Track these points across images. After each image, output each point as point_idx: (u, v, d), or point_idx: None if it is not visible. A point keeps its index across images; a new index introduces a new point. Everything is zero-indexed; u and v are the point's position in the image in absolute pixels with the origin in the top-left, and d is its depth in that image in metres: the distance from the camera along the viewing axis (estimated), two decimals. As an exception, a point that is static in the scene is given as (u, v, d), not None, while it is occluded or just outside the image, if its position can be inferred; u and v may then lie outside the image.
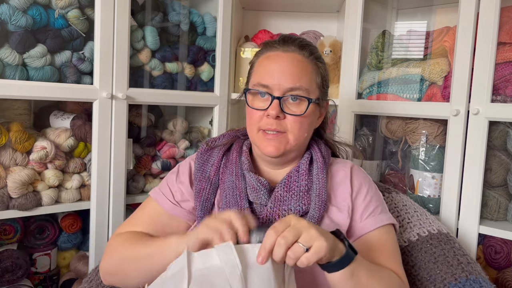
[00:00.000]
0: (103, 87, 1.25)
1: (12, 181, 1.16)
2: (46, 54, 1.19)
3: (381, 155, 1.60)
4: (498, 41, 1.22)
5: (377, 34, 1.54)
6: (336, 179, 0.96)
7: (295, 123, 0.88)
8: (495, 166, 1.29)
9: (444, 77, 1.35)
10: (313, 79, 0.90)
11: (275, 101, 0.86)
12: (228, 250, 0.70)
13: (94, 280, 1.02)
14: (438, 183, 1.37)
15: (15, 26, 1.13)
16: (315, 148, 0.97)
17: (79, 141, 1.31)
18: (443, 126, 1.38)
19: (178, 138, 1.56)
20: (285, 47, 0.90)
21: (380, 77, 1.47)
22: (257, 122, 0.89)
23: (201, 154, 0.99)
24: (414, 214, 1.16)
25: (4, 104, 1.25)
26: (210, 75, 1.57)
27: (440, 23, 1.48)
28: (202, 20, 1.53)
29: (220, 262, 0.69)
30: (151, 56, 1.40)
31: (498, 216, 1.31)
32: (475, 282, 0.96)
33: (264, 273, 0.69)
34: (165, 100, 1.44)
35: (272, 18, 1.84)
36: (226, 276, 0.67)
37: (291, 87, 0.86)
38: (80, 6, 1.23)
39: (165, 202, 0.95)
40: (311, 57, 0.91)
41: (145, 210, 0.99)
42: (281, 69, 0.87)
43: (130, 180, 1.43)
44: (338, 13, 1.77)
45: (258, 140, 0.90)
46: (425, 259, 1.05)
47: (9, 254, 1.26)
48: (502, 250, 1.31)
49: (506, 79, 1.23)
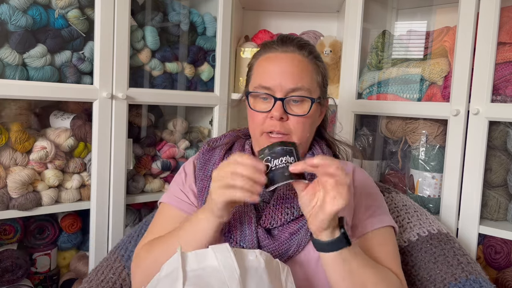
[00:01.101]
0: (103, 87, 1.25)
1: (12, 181, 1.16)
2: (46, 54, 1.19)
3: (381, 155, 1.60)
4: (498, 41, 1.22)
5: (377, 34, 1.54)
6: None
7: (298, 124, 0.88)
8: (495, 166, 1.29)
9: (444, 77, 1.35)
10: (314, 78, 0.90)
11: (278, 103, 0.86)
12: (226, 253, 0.70)
13: (94, 280, 1.02)
14: (438, 183, 1.37)
15: (15, 26, 1.13)
16: (317, 148, 0.97)
17: (79, 141, 1.31)
18: (443, 126, 1.38)
19: (178, 138, 1.56)
20: (284, 47, 0.90)
21: (380, 77, 1.47)
22: (260, 125, 0.89)
23: (203, 154, 0.99)
24: (414, 214, 1.16)
25: (4, 104, 1.25)
26: (210, 75, 1.57)
27: (440, 23, 1.48)
28: (202, 20, 1.53)
29: (218, 264, 0.68)
30: (151, 56, 1.40)
31: (498, 216, 1.30)
32: (475, 282, 0.96)
33: (261, 276, 0.69)
34: (165, 100, 1.44)
35: (272, 18, 1.84)
36: (223, 278, 0.67)
37: (292, 88, 0.86)
38: (80, 6, 1.23)
39: (181, 204, 0.94)
40: (310, 56, 0.91)
41: (161, 218, 0.96)
42: (282, 70, 0.87)
43: (130, 180, 1.43)
44: (338, 13, 1.77)
45: (263, 142, 0.90)
46: (425, 259, 1.05)
47: (9, 254, 1.26)
48: (502, 250, 1.31)
49: (506, 79, 1.23)
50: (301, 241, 0.85)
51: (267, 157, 0.74)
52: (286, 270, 0.75)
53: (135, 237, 1.13)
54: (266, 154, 0.74)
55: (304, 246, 0.86)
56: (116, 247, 1.12)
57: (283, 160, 0.73)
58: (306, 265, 0.86)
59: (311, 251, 0.86)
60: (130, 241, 1.12)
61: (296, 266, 0.86)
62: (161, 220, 0.96)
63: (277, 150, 0.74)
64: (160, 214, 0.97)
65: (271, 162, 0.74)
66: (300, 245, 0.85)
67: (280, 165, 0.73)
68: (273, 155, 0.74)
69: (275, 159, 0.74)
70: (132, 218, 1.50)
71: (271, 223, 0.86)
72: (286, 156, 0.74)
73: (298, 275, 0.85)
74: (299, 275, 0.85)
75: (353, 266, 0.77)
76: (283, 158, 0.73)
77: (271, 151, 0.74)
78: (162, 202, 0.98)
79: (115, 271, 1.04)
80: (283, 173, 0.73)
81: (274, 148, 0.74)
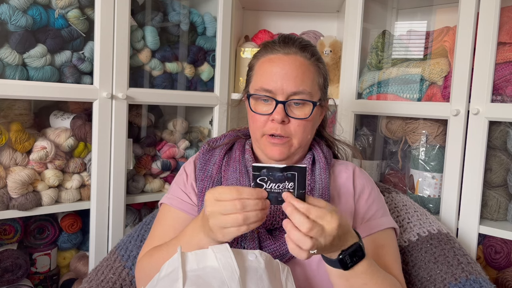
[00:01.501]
0: (103, 87, 1.25)
1: (12, 181, 1.16)
2: (46, 54, 1.19)
3: (381, 155, 1.60)
4: (498, 41, 1.22)
5: (377, 34, 1.54)
6: (339, 181, 0.96)
7: (299, 127, 0.87)
8: (495, 166, 1.29)
9: (444, 77, 1.35)
10: (315, 81, 0.90)
11: (279, 106, 0.85)
12: (226, 253, 0.70)
13: (94, 280, 1.02)
14: (438, 183, 1.37)
15: (15, 26, 1.13)
16: (317, 149, 0.97)
17: (79, 141, 1.31)
18: (443, 126, 1.38)
19: (178, 138, 1.56)
20: (286, 49, 0.89)
21: (380, 77, 1.47)
22: (261, 127, 0.89)
23: (203, 154, 0.99)
24: (414, 214, 1.16)
25: (4, 104, 1.25)
26: (210, 75, 1.57)
27: (440, 23, 1.47)
28: (202, 20, 1.53)
29: (218, 264, 0.68)
30: (151, 56, 1.40)
31: (498, 216, 1.30)
32: (475, 282, 0.96)
33: (261, 276, 0.69)
34: (165, 100, 1.44)
35: (272, 18, 1.84)
36: (223, 278, 0.67)
37: (294, 91, 0.86)
38: (80, 6, 1.23)
39: (183, 205, 0.94)
40: (312, 58, 0.90)
41: (163, 221, 0.96)
42: (284, 72, 0.86)
43: (130, 180, 1.43)
44: (338, 13, 1.77)
45: (263, 144, 0.90)
46: (425, 259, 1.05)
47: (9, 254, 1.26)
48: (502, 250, 1.31)
49: (506, 79, 1.23)
50: None
51: (264, 177, 0.71)
52: (286, 271, 0.75)
53: (135, 237, 1.13)
54: (263, 174, 0.71)
55: None
56: (116, 247, 1.12)
57: (281, 186, 0.71)
58: (307, 266, 0.86)
59: (311, 252, 0.86)
60: (130, 241, 1.12)
61: (296, 267, 0.86)
62: (162, 223, 0.96)
63: (277, 176, 0.70)
64: (162, 216, 0.97)
65: (266, 183, 0.71)
66: None
67: (275, 189, 0.71)
68: (270, 178, 0.71)
69: (272, 182, 0.71)
70: (132, 218, 1.50)
71: (272, 224, 0.86)
72: (284, 182, 0.70)
73: (299, 276, 0.85)
74: (299, 276, 0.85)
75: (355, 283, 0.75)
76: (280, 184, 0.70)
77: (269, 173, 0.70)
78: (163, 203, 0.98)
79: (115, 271, 1.04)
80: (277, 198, 0.71)
81: (273, 172, 0.70)
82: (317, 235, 0.65)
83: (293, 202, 0.68)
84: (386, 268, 0.86)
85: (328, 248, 0.69)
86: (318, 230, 0.65)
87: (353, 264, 0.73)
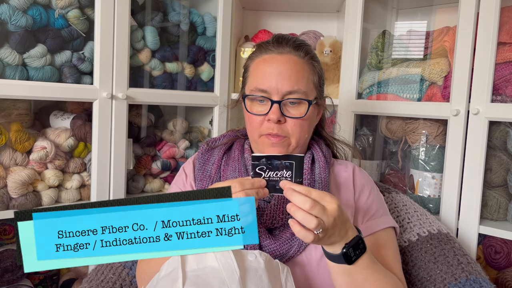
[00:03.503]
0: (103, 87, 1.25)
1: (12, 181, 1.16)
2: (46, 54, 1.19)
3: (381, 155, 1.60)
4: (498, 41, 1.22)
5: (377, 34, 1.54)
6: (338, 180, 0.96)
7: (295, 126, 0.87)
8: (495, 166, 1.29)
9: (444, 77, 1.35)
10: (310, 80, 0.90)
11: (275, 106, 0.85)
12: (226, 253, 0.70)
13: (94, 280, 1.02)
14: (438, 183, 1.37)
15: (15, 26, 1.13)
16: (316, 148, 0.97)
17: (79, 141, 1.31)
18: (443, 126, 1.38)
19: (178, 138, 1.56)
20: (280, 48, 0.89)
21: (380, 77, 1.47)
22: (258, 128, 0.88)
23: (202, 154, 0.99)
24: (414, 214, 1.16)
25: (4, 104, 1.25)
26: (210, 75, 1.57)
27: (440, 23, 1.48)
28: (202, 20, 1.53)
29: (218, 264, 0.69)
30: (151, 56, 1.40)
31: (498, 216, 1.30)
32: (475, 282, 0.96)
33: (261, 277, 0.69)
34: (165, 100, 1.44)
35: (272, 18, 1.84)
36: (223, 278, 0.67)
37: (289, 91, 0.86)
38: (80, 6, 1.23)
39: None
40: (306, 57, 0.90)
41: None
42: (278, 72, 0.86)
43: (130, 180, 1.43)
44: (338, 13, 1.77)
45: (262, 145, 0.90)
46: (425, 259, 1.05)
47: (9, 254, 1.26)
48: (502, 250, 1.31)
49: (506, 79, 1.23)
50: (302, 242, 0.84)
51: (262, 166, 0.75)
52: (286, 271, 0.75)
53: (135, 237, 1.13)
54: (262, 163, 0.75)
55: (305, 247, 0.86)
56: (116, 247, 1.12)
57: (279, 174, 0.74)
58: (307, 266, 0.86)
59: (312, 252, 0.86)
60: (130, 241, 1.12)
61: (296, 267, 0.86)
62: None
63: (275, 164, 0.74)
64: None
65: (265, 172, 0.75)
66: (301, 246, 0.85)
67: (274, 178, 0.74)
68: (269, 166, 0.75)
69: (271, 171, 0.74)
70: (132, 218, 1.50)
71: (272, 223, 0.86)
72: (282, 171, 0.74)
73: (298, 276, 0.85)
74: (299, 276, 0.85)
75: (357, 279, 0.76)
76: (278, 172, 0.74)
77: (268, 162, 0.75)
78: None
79: (115, 271, 1.04)
80: (275, 186, 0.74)
81: (271, 161, 0.75)
82: (319, 214, 0.67)
83: (292, 186, 0.71)
84: (387, 267, 0.86)
85: (331, 234, 0.70)
86: (319, 208, 0.67)
87: (357, 258, 0.74)
